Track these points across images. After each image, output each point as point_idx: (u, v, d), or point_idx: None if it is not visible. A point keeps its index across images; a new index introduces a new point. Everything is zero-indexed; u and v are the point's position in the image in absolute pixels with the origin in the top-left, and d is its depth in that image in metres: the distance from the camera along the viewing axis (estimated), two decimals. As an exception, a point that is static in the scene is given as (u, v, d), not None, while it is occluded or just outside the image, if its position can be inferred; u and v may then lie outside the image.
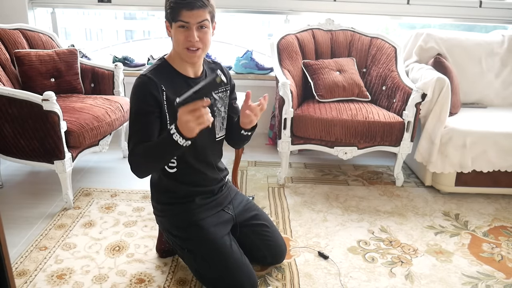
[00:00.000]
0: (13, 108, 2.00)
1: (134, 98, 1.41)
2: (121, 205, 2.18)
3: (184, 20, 1.34)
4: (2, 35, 2.44)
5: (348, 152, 2.43)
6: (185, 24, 1.35)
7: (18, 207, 2.14)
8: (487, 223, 2.15)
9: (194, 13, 1.33)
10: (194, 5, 1.33)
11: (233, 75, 3.06)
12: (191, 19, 1.34)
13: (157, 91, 1.38)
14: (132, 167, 1.39)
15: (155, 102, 1.38)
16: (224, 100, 1.59)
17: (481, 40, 2.85)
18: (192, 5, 1.32)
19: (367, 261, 1.80)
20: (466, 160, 2.29)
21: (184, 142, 1.25)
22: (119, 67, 2.64)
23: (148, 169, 1.42)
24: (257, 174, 2.62)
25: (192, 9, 1.33)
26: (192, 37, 1.35)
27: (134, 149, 1.38)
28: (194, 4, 1.33)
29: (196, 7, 1.33)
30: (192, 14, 1.33)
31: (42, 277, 1.62)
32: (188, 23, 1.35)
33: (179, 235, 1.56)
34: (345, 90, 2.58)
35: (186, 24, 1.35)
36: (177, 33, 1.37)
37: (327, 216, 2.15)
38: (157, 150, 1.32)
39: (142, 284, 1.61)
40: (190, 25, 1.35)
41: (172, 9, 1.35)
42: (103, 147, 2.39)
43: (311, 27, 2.83)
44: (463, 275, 1.73)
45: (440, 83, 2.31)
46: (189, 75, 1.48)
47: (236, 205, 1.68)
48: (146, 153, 1.35)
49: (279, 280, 1.65)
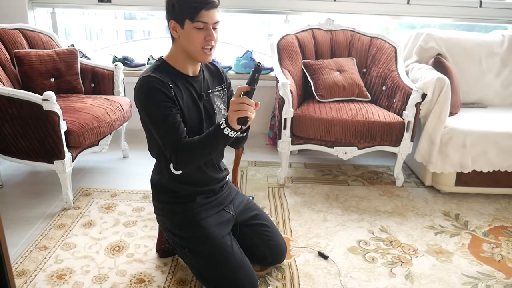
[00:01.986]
0: (13, 108, 2.00)
1: (150, 101, 1.39)
2: (121, 205, 2.18)
3: (203, 21, 1.35)
4: (2, 35, 2.44)
5: (348, 152, 2.43)
6: (204, 25, 1.36)
7: (18, 207, 2.14)
8: (487, 223, 2.15)
9: (211, 13, 1.36)
10: (213, 5, 1.35)
11: (233, 75, 3.06)
12: (209, 20, 1.36)
13: (167, 88, 1.40)
14: (179, 164, 1.42)
15: (170, 99, 1.40)
16: (222, 98, 1.61)
17: (481, 40, 2.85)
18: (211, 5, 1.35)
19: (367, 261, 1.80)
20: (466, 160, 2.29)
21: (234, 133, 1.34)
22: (119, 67, 2.64)
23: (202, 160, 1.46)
24: (257, 174, 2.62)
25: (209, 9, 1.35)
26: (212, 36, 1.38)
27: (177, 147, 1.39)
28: (212, 4, 1.35)
29: (214, 6, 1.36)
30: (209, 14, 1.35)
31: (42, 277, 1.62)
32: (206, 23, 1.36)
33: (180, 234, 1.56)
34: (345, 90, 2.58)
35: (205, 24, 1.36)
36: (193, 33, 1.37)
37: (327, 216, 2.15)
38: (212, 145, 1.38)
39: (142, 284, 1.61)
40: (207, 25, 1.36)
41: (192, 8, 1.34)
42: (103, 147, 2.39)
43: (311, 27, 2.83)
44: (463, 275, 1.73)
45: (440, 83, 2.31)
46: (189, 74, 1.49)
47: (237, 204, 1.68)
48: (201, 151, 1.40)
49: (279, 280, 1.65)
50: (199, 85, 1.51)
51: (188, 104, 1.47)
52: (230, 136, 1.34)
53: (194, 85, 1.50)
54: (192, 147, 1.39)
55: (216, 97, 1.58)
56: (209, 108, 1.54)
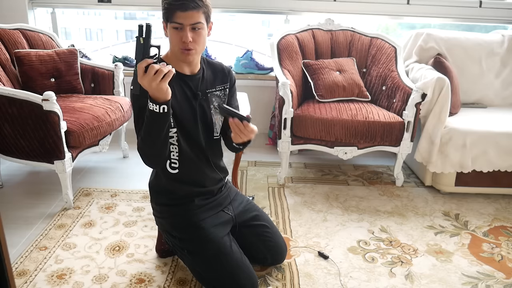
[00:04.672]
0: (13, 108, 2.00)
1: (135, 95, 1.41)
2: (121, 205, 2.18)
3: (178, 22, 1.35)
4: (2, 35, 2.44)
5: (348, 152, 2.43)
6: (178, 26, 1.36)
7: (18, 207, 2.14)
8: (487, 223, 2.15)
9: (188, 14, 1.34)
10: (188, 6, 1.33)
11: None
12: (185, 21, 1.35)
13: None
14: (141, 158, 1.41)
15: None
16: (222, 99, 1.60)
17: (481, 40, 2.85)
18: (185, 6, 1.33)
19: (367, 261, 1.80)
20: (466, 160, 2.29)
21: (159, 108, 1.27)
22: (119, 67, 2.64)
23: (152, 153, 1.41)
24: (257, 174, 2.62)
25: (186, 10, 1.33)
26: (186, 37, 1.36)
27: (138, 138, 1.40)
28: (187, 6, 1.33)
29: (190, 8, 1.33)
30: (185, 15, 1.34)
31: (42, 277, 1.62)
32: (181, 24, 1.35)
33: (179, 236, 1.56)
34: (345, 90, 2.58)
35: (179, 25, 1.36)
36: (171, 33, 1.39)
37: (327, 216, 2.15)
38: (147, 129, 1.34)
39: (142, 284, 1.61)
40: (183, 26, 1.36)
41: (167, 10, 1.36)
42: (103, 147, 2.39)
43: (311, 27, 2.83)
44: (463, 275, 1.73)
45: (440, 83, 2.31)
46: (185, 72, 1.49)
47: (236, 205, 1.68)
48: (143, 138, 1.37)
49: (279, 280, 1.65)
50: (196, 84, 1.50)
51: (181, 102, 1.46)
52: (157, 111, 1.27)
53: (190, 84, 1.49)
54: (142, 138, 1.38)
55: (215, 97, 1.57)
56: (206, 108, 1.54)
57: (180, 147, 1.50)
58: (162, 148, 1.41)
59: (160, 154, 1.42)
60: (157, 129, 1.34)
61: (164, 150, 1.42)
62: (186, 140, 1.50)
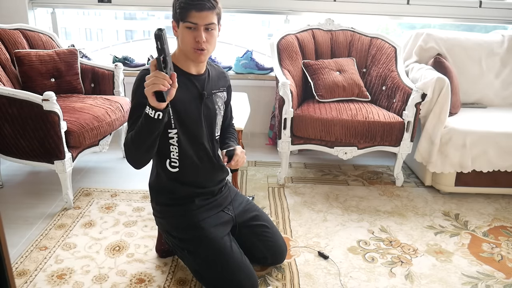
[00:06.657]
0: (13, 108, 2.00)
1: (136, 91, 1.40)
2: (121, 205, 2.18)
3: (193, 21, 1.35)
4: (2, 35, 2.44)
5: (348, 152, 2.43)
6: (192, 26, 1.36)
7: (18, 207, 2.14)
8: (487, 223, 2.15)
9: (203, 14, 1.34)
10: (204, 7, 1.33)
11: (233, 75, 3.07)
12: (200, 21, 1.35)
13: None
14: (126, 157, 1.39)
15: None
16: (223, 99, 1.62)
17: (481, 40, 2.85)
18: (201, 6, 1.33)
19: (367, 261, 1.80)
20: (466, 160, 2.29)
21: (154, 113, 1.25)
22: (119, 67, 2.64)
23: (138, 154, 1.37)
24: (257, 174, 2.62)
25: (201, 11, 1.33)
26: (200, 37, 1.36)
27: (126, 136, 1.38)
28: (203, 6, 1.33)
29: (206, 8, 1.34)
30: (200, 15, 1.34)
31: (42, 277, 1.62)
32: (196, 24, 1.35)
33: (179, 236, 1.56)
34: (345, 90, 2.58)
35: (194, 25, 1.35)
36: (184, 33, 1.38)
37: (327, 216, 2.15)
38: (138, 129, 1.32)
39: (142, 284, 1.61)
40: (198, 26, 1.36)
41: (182, 9, 1.35)
42: (103, 147, 2.39)
43: (311, 27, 2.84)
44: (463, 275, 1.73)
45: (440, 83, 2.31)
46: (192, 72, 1.49)
47: (236, 206, 1.68)
48: (133, 136, 1.34)
49: (279, 280, 1.65)
50: (202, 84, 1.51)
51: (185, 101, 1.46)
52: (151, 116, 1.25)
53: (196, 83, 1.49)
54: (131, 135, 1.35)
55: (218, 98, 1.58)
56: (211, 108, 1.54)
57: (181, 147, 1.49)
58: (146, 153, 1.38)
59: (141, 158, 1.39)
60: (146, 133, 1.31)
61: (146, 156, 1.39)
62: (187, 140, 1.50)
